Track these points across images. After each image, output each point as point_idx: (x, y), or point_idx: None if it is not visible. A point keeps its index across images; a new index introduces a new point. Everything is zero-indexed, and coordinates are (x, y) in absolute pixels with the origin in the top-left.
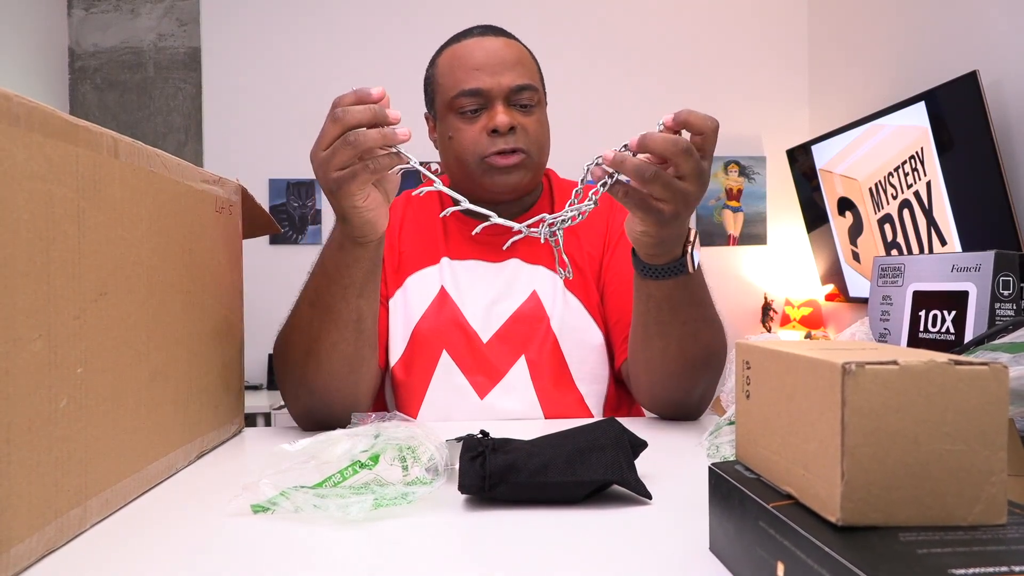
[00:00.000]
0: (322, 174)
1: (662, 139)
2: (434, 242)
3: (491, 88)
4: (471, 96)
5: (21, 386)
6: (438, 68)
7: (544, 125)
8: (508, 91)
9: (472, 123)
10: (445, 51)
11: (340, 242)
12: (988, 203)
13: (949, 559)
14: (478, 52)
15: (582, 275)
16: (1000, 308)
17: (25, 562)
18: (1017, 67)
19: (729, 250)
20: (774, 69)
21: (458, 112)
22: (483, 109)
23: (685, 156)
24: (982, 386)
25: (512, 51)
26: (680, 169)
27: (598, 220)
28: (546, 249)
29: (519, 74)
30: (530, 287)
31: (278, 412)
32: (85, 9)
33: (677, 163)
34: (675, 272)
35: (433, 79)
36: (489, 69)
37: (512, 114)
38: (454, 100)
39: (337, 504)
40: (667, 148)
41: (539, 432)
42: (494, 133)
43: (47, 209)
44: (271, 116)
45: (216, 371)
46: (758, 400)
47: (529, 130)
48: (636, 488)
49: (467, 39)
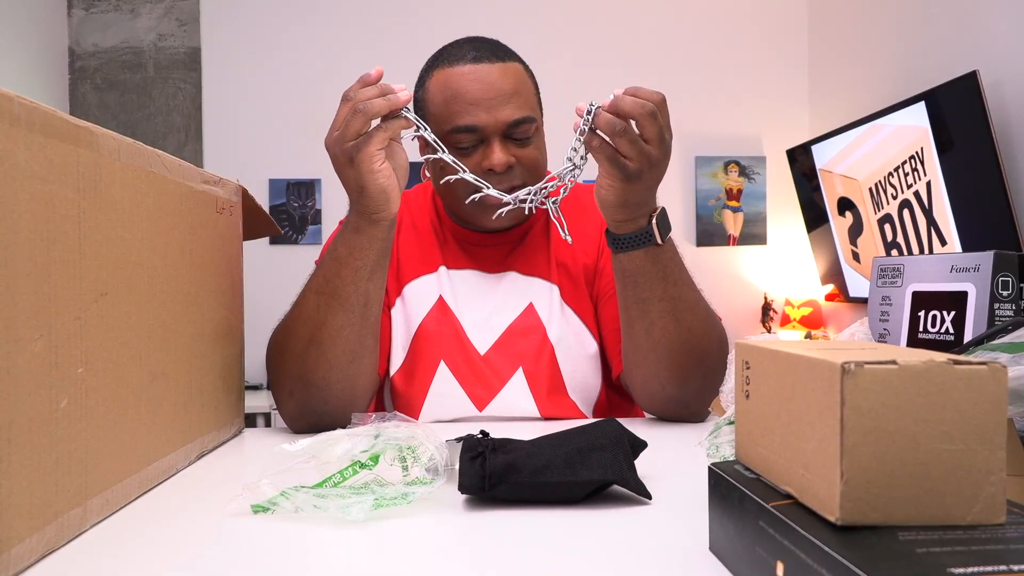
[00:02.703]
0: (338, 148)
1: (631, 101)
2: (430, 249)
3: (487, 125)
4: (466, 132)
5: (21, 386)
6: (429, 93)
7: (541, 151)
8: (505, 127)
9: (466, 158)
10: (435, 73)
11: (356, 225)
12: (988, 203)
13: (948, 558)
14: (473, 85)
15: (575, 286)
16: (999, 308)
17: (25, 562)
18: (1017, 67)
19: (729, 250)
20: (774, 69)
21: (452, 147)
22: (478, 145)
23: (650, 119)
24: (981, 386)
25: (508, 80)
26: (645, 132)
27: (591, 230)
28: (542, 261)
29: (516, 107)
30: (527, 299)
31: (278, 412)
32: (85, 9)
33: (643, 125)
34: (643, 242)
35: (424, 104)
36: (485, 104)
37: (509, 149)
38: (448, 135)
39: (337, 504)
40: (634, 109)
41: (538, 432)
42: (490, 172)
43: (48, 210)
44: (271, 116)
45: (216, 371)
46: (758, 400)
47: (527, 163)
48: (636, 488)
49: (460, 65)
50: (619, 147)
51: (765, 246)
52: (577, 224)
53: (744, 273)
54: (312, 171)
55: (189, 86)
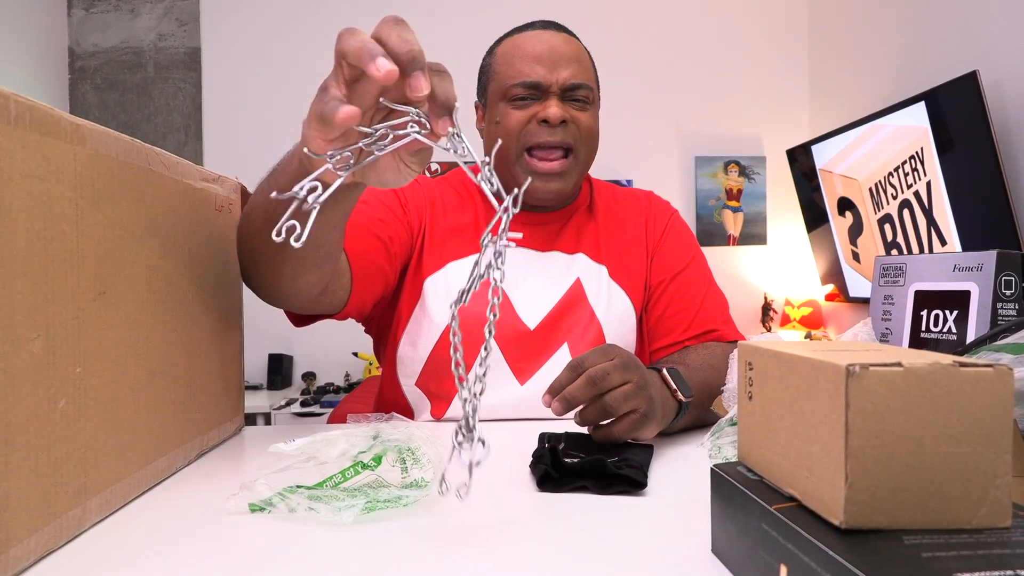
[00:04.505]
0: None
1: (575, 388)
2: (470, 229)
3: (548, 81)
4: (527, 87)
5: (19, 386)
6: (496, 57)
7: (596, 124)
8: (564, 86)
9: (522, 110)
10: (505, 40)
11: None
12: (988, 203)
13: (953, 563)
14: (538, 45)
15: (624, 265)
16: (1002, 308)
17: (23, 563)
18: (1017, 67)
19: (729, 250)
20: (774, 69)
21: (510, 100)
22: (536, 100)
23: (602, 376)
24: (987, 388)
25: (572, 48)
26: (611, 382)
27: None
28: (586, 237)
29: (577, 71)
30: (572, 275)
31: (278, 412)
32: (85, 9)
33: (605, 383)
34: (682, 412)
35: (490, 67)
36: (548, 62)
37: (565, 108)
38: (510, 89)
39: (329, 507)
40: (583, 392)
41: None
42: (543, 123)
43: (45, 208)
44: (271, 116)
45: (215, 370)
46: (761, 401)
47: (581, 125)
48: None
49: (529, 31)
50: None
51: (765, 246)
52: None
53: (744, 273)
54: None
55: (189, 86)
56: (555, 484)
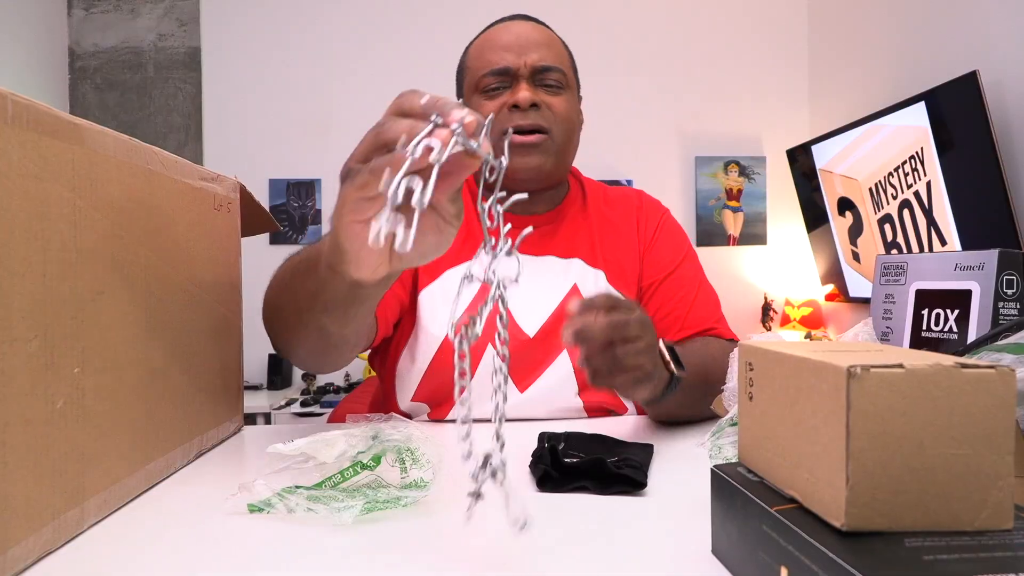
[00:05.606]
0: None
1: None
2: (463, 231)
3: (516, 66)
4: (496, 75)
5: (17, 387)
6: (469, 54)
7: (571, 108)
8: (533, 70)
9: (494, 99)
10: (477, 39)
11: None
12: (988, 203)
13: (955, 565)
14: (505, 34)
15: (621, 269)
16: (1003, 307)
17: (22, 564)
18: (1017, 67)
19: (729, 250)
20: (774, 69)
21: (483, 91)
22: (507, 88)
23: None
24: (989, 389)
25: (541, 34)
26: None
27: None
28: (580, 241)
29: (545, 55)
30: (570, 280)
31: (278, 412)
32: (85, 9)
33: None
34: (672, 387)
35: (463, 65)
36: (516, 49)
37: (536, 92)
38: (481, 79)
39: (328, 507)
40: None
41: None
42: (514, 108)
43: (43, 208)
44: (271, 116)
45: (215, 370)
46: (761, 402)
47: (554, 108)
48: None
49: (498, 24)
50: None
51: (765, 246)
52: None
53: (744, 273)
54: (312, 171)
55: (189, 86)
56: (555, 484)
